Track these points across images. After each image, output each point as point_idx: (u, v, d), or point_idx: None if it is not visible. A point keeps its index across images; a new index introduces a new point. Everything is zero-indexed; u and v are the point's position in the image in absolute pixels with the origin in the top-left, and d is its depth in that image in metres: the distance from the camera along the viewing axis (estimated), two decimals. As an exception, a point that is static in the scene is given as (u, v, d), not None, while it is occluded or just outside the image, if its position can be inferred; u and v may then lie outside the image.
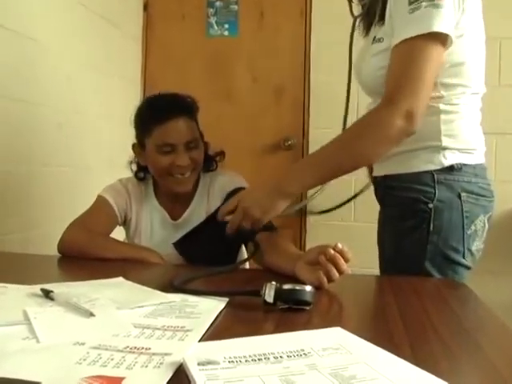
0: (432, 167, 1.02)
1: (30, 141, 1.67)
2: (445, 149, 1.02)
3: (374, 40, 1.06)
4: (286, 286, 0.74)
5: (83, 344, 0.57)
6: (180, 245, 1.26)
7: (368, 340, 0.59)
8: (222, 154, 1.37)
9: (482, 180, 1.05)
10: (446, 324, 0.71)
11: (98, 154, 2.09)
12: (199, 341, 0.60)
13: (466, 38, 1.00)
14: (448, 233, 1.02)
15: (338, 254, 0.86)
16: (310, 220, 2.32)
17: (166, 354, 0.54)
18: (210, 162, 1.34)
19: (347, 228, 2.23)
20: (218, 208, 1.26)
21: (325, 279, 0.86)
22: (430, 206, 1.02)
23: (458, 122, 1.03)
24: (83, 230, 1.22)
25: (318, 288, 0.83)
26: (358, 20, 1.19)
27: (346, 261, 0.87)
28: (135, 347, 0.56)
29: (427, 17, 0.93)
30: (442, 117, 1.02)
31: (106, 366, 0.51)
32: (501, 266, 2.12)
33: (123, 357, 0.54)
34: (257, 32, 2.47)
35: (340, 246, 0.88)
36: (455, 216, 1.02)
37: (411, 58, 0.94)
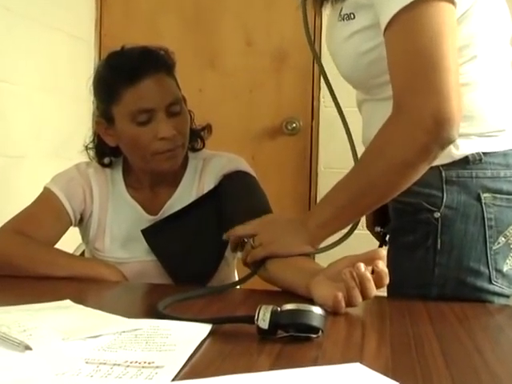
0: (439, 161, 0.98)
1: None
2: None
3: (341, 16, 1.03)
4: (287, 307, 0.74)
5: (16, 386, 0.57)
6: (151, 233, 1.27)
7: (397, 381, 0.59)
8: (208, 128, 1.38)
9: None
10: (506, 364, 0.71)
11: (37, 138, 2.08)
12: (173, 379, 0.60)
13: None
14: (463, 251, 1.01)
15: (368, 275, 0.85)
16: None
17: (128, 398, 0.55)
18: (195, 139, 1.35)
19: (357, 237, 2.23)
20: (211, 190, 1.28)
21: (342, 301, 0.86)
22: (437, 215, 1.01)
23: (469, 96, 0.99)
24: (18, 238, 1.22)
25: (331, 311, 0.84)
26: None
27: (379, 286, 0.86)
28: (87, 389, 0.56)
29: None
30: None
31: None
32: None
33: (71, 401, 0.54)
34: (251, -22, 2.48)
35: (381, 265, 0.86)
36: (473, 227, 1.00)
37: (414, 39, 0.89)
